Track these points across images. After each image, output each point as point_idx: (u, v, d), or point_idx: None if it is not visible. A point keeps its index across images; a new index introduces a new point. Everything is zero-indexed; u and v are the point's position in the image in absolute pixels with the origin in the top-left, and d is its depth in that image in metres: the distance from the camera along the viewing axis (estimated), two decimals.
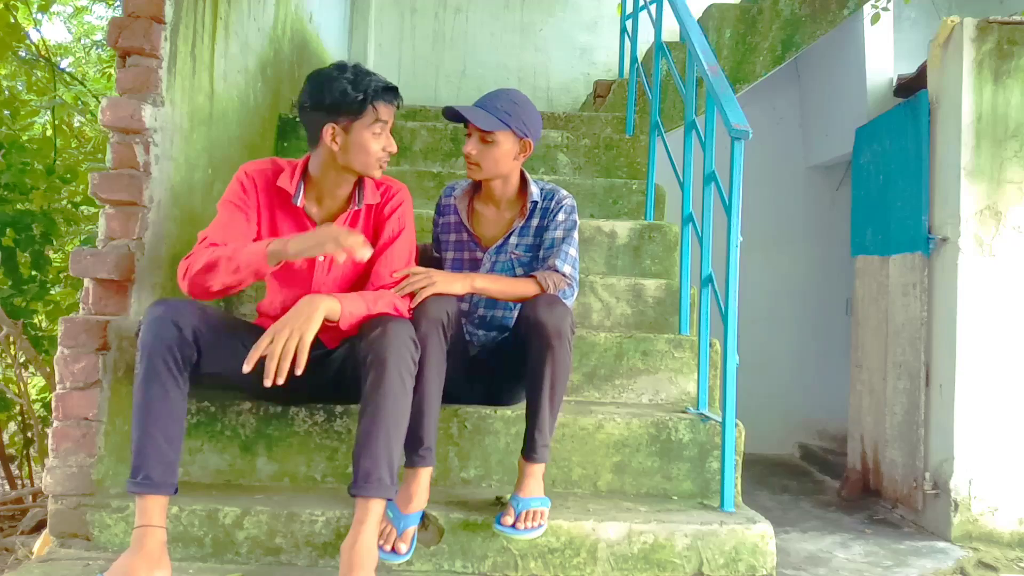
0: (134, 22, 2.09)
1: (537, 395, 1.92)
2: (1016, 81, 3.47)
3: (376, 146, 1.96)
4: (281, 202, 2.02)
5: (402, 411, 1.79)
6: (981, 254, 3.44)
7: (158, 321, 1.74)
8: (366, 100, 1.91)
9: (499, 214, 2.23)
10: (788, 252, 5.27)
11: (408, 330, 1.83)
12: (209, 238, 1.91)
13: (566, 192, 2.23)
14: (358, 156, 1.96)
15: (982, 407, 3.41)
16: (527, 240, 2.20)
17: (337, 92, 1.91)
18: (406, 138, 3.55)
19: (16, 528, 3.33)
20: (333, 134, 1.94)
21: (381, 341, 1.77)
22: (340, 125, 1.93)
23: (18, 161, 3.52)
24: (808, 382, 5.18)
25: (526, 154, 2.15)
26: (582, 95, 5.26)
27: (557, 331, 1.88)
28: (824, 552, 3.25)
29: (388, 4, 5.39)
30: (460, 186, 2.27)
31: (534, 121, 2.14)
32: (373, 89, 1.92)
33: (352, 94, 1.90)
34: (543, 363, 1.89)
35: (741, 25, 3.93)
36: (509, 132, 2.09)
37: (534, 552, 1.94)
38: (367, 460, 1.75)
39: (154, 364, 1.73)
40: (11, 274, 3.46)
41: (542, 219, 2.19)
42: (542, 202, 2.19)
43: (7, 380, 4.15)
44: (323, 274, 2.05)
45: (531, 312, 1.92)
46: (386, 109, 1.96)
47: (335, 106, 1.92)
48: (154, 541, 1.71)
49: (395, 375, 1.77)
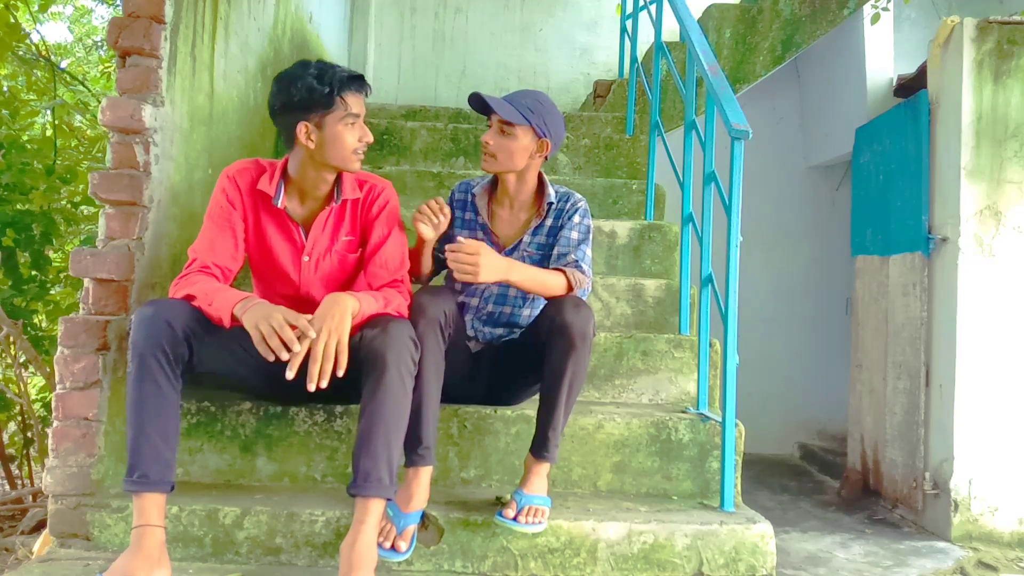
0: (134, 22, 2.09)
1: (555, 394, 1.93)
2: (1016, 81, 3.47)
3: (351, 138, 1.97)
4: (264, 204, 2.04)
5: (402, 411, 1.80)
6: (981, 254, 3.44)
7: (149, 320, 1.75)
8: (333, 92, 1.92)
9: (514, 215, 2.23)
10: (788, 252, 5.27)
11: (408, 330, 1.83)
12: (199, 259, 1.93)
13: (580, 195, 2.24)
14: (334, 150, 1.96)
15: (982, 407, 3.41)
16: (540, 239, 2.20)
17: (304, 89, 1.91)
18: (406, 138, 3.55)
19: (16, 528, 3.33)
20: (307, 132, 1.94)
21: (381, 341, 1.78)
22: (312, 122, 1.94)
23: (18, 161, 3.52)
24: (808, 382, 5.18)
25: (543, 155, 2.14)
26: (582, 95, 5.26)
27: (582, 333, 1.90)
28: (824, 552, 3.24)
29: (388, 4, 5.39)
30: (480, 184, 2.25)
31: (556, 125, 2.14)
32: (339, 80, 1.93)
33: (319, 88, 1.91)
34: (565, 363, 1.91)
35: (741, 25, 3.94)
36: (529, 128, 2.09)
37: (534, 552, 1.94)
38: (366, 460, 1.75)
39: (146, 362, 1.73)
40: (11, 274, 3.47)
41: (556, 220, 2.20)
42: (557, 204, 2.20)
43: (7, 380, 4.15)
44: (310, 273, 2.07)
45: (557, 313, 1.93)
46: (355, 99, 1.97)
47: (304, 103, 1.92)
48: (153, 540, 1.71)
49: (395, 375, 1.77)
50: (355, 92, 1.96)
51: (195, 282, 1.86)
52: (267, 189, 2.01)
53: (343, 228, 2.08)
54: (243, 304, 1.78)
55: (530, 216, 2.22)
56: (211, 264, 1.93)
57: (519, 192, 2.20)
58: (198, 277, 1.88)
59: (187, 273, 1.90)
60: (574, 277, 2.06)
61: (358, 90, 1.97)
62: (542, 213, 2.18)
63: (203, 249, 1.95)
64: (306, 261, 2.06)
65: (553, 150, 2.16)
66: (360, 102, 1.98)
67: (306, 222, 2.07)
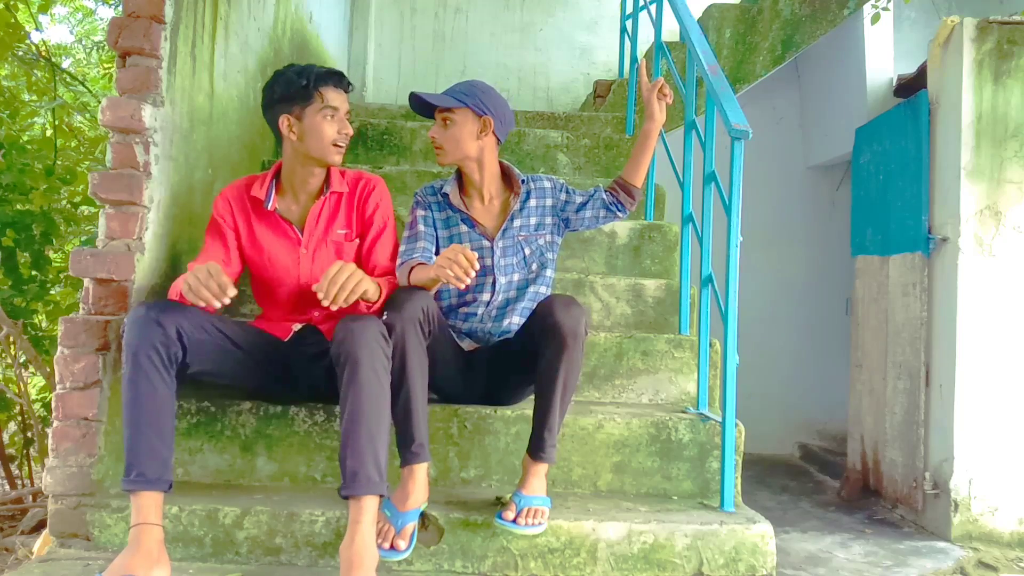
0: (134, 22, 2.09)
1: (549, 395, 1.93)
2: (1016, 81, 3.46)
3: (330, 130, 2.06)
4: (256, 209, 2.14)
5: (381, 407, 1.79)
6: (981, 254, 3.44)
7: (141, 320, 1.77)
8: (310, 85, 2.03)
9: (489, 204, 2.26)
10: (788, 252, 5.27)
11: (375, 326, 1.82)
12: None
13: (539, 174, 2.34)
14: (313, 141, 2.06)
15: (982, 407, 3.41)
16: (532, 220, 2.25)
17: (284, 83, 2.05)
18: (406, 138, 3.55)
19: (16, 528, 3.32)
20: (289, 124, 2.06)
21: (350, 340, 1.78)
22: (293, 114, 2.05)
23: (18, 161, 3.52)
24: (808, 382, 5.18)
25: (489, 133, 2.16)
26: (582, 95, 5.26)
27: (573, 332, 1.90)
28: (824, 552, 3.24)
29: (388, 4, 5.39)
30: (447, 183, 2.26)
31: (495, 103, 2.17)
32: (316, 75, 2.05)
33: (297, 81, 2.04)
34: (557, 363, 1.91)
35: (741, 25, 3.93)
36: (466, 109, 2.14)
37: (534, 552, 1.94)
38: (352, 460, 1.75)
39: (140, 362, 1.75)
40: (11, 274, 3.47)
41: (539, 199, 2.26)
42: (531, 183, 2.28)
43: (7, 380, 4.15)
44: (308, 264, 2.12)
45: (548, 313, 1.93)
46: (333, 93, 2.06)
47: (285, 96, 2.05)
48: (151, 539, 1.71)
49: (368, 371, 1.77)
50: (333, 87, 2.06)
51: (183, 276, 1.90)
52: (258, 194, 2.11)
53: (337, 221, 2.15)
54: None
55: (505, 201, 2.25)
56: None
57: (485, 180, 2.23)
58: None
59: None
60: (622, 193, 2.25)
61: (336, 85, 2.07)
62: (520, 194, 2.23)
63: (198, 260, 2.03)
64: (303, 253, 2.12)
65: (500, 127, 2.18)
66: (339, 97, 2.08)
67: (301, 218, 2.15)
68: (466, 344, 2.24)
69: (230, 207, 2.13)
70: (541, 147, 3.58)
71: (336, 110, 2.06)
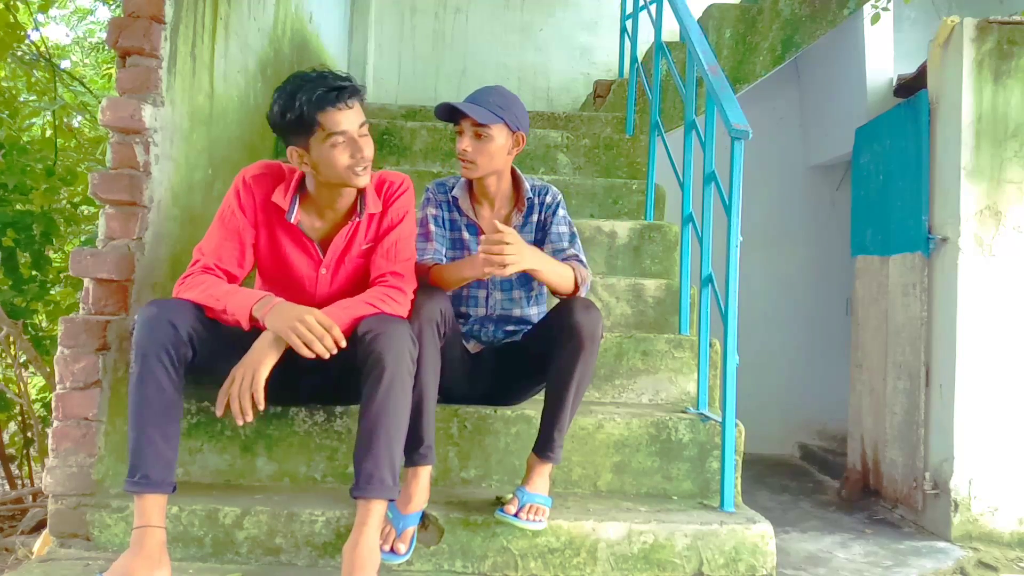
0: (134, 22, 2.09)
1: (562, 395, 1.93)
2: (1016, 81, 3.46)
3: (342, 157, 1.83)
4: (279, 217, 1.97)
5: (403, 412, 1.78)
6: (981, 254, 3.44)
7: (152, 320, 1.73)
8: (303, 117, 1.78)
9: (495, 212, 2.23)
10: (788, 252, 5.27)
11: (407, 330, 1.82)
12: (203, 259, 1.89)
13: (554, 187, 2.25)
14: (329, 171, 1.86)
15: (982, 407, 3.41)
16: (529, 236, 2.20)
17: (277, 115, 1.82)
18: (406, 138, 3.55)
19: (16, 528, 3.33)
20: (299, 156, 1.86)
21: (381, 342, 1.76)
22: (299, 147, 1.85)
23: (18, 162, 3.52)
24: (808, 382, 5.18)
25: (519, 148, 2.14)
26: (582, 95, 5.26)
27: (591, 335, 1.91)
28: (824, 552, 3.24)
29: (388, 4, 5.39)
30: (456, 185, 2.23)
31: (523, 115, 2.14)
32: (311, 102, 1.77)
33: (290, 116, 1.79)
34: (574, 364, 1.91)
35: (741, 25, 3.93)
36: (503, 125, 2.06)
37: (534, 552, 1.94)
38: (369, 462, 1.74)
39: (149, 363, 1.71)
40: (11, 274, 3.47)
41: (540, 214, 2.21)
42: (536, 196, 2.21)
43: (7, 380, 4.16)
44: (326, 284, 2.02)
45: (567, 314, 1.93)
46: (338, 115, 1.80)
47: (282, 130, 1.85)
48: (153, 541, 1.70)
49: (396, 376, 1.76)
50: (334, 107, 1.79)
51: (202, 283, 1.83)
52: (281, 203, 1.93)
53: (360, 237, 2.00)
54: (261, 305, 1.77)
55: (509, 211, 2.22)
56: (215, 266, 1.90)
57: (499, 190, 2.19)
58: (204, 278, 1.85)
59: (192, 273, 1.87)
60: (579, 272, 2.06)
61: (334, 104, 1.79)
62: (522, 207, 2.19)
63: (209, 250, 1.91)
64: (323, 273, 2.01)
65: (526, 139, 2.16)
66: (346, 116, 1.81)
67: (327, 236, 1.99)
68: (471, 345, 2.23)
69: (253, 202, 1.94)
70: (541, 147, 3.57)
71: (344, 134, 1.82)
